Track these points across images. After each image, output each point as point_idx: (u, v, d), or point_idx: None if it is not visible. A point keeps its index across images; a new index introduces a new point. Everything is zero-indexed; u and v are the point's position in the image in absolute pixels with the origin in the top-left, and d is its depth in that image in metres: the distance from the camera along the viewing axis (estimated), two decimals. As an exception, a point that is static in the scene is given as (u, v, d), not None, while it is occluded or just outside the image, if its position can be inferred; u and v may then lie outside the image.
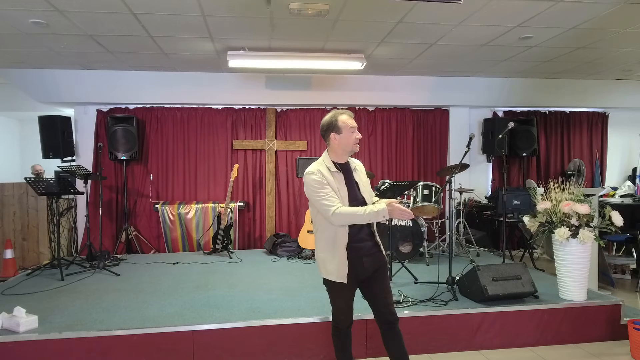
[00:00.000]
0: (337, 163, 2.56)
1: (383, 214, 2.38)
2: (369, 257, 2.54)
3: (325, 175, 2.47)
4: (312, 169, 2.50)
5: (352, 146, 2.54)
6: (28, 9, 3.88)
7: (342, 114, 2.55)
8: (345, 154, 2.57)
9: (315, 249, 2.61)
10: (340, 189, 2.49)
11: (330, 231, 2.48)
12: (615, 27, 4.47)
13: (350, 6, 3.91)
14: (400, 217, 2.43)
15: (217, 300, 3.84)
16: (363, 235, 2.54)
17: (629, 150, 7.64)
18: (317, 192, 2.44)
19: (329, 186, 2.45)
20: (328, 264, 2.50)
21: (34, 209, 6.09)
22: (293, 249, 5.79)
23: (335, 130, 2.53)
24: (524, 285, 3.72)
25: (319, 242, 2.56)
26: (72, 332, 3.14)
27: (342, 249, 2.47)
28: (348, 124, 2.52)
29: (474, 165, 6.96)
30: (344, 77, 6.43)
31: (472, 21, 4.28)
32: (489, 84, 6.73)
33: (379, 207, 2.39)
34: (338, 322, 2.62)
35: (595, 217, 3.79)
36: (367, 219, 2.41)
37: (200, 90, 6.27)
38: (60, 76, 5.98)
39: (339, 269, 2.47)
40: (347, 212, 2.41)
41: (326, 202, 2.41)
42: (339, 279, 2.48)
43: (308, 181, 2.48)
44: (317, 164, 2.54)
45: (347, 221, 2.43)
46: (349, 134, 2.51)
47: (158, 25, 4.35)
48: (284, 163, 6.69)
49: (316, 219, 2.56)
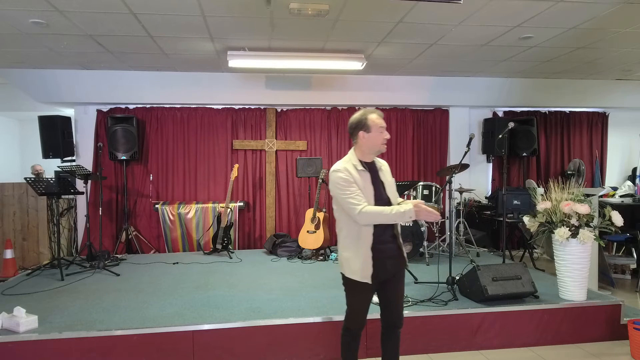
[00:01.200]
0: (364, 162, 2.53)
1: (409, 214, 2.35)
2: (391, 260, 2.52)
3: (352, 174, 2.44)
4: (339, 167, 2.47)
5: (379, 146, 2.52)
6: (28, 9, 3.88)
7: (372, 112, 2.51)
8: (372, 153, 2.55)
9: (339, 247, 2.58)
10: (366, 188, 2.46)
11: (355, 230, 2.45)
12: (615, 27, 4.47)
13: (350, 6, 3.91)
14: (427, 218, 2.41)
15: (217, 300, 3.84)
16: (387, 236, 2.51)
17: (629, 150, 7.65)
18: (343, 190, 2.41)
19: (355, 184, 2.42)
20: (352, 263, 2.47)
21: (34, 209, 6.09)
22: (293, 249, 5.79)
23: (365, 129, 2.48)
24: (524, 285, 3.72)
25: (344, 241, 2.53)
26: (72, 332, 3.14)
27: (367, 249, 2.44)
28: (377, 123, 2.49)
29: (474, 165, 6.96)
30: (344, 77, 6.43)
31: (472, 21, 4.28)
32: (489, 84, 6.73)
33: (406, 208, 2.36)
34: (351, 324, 2.57)
35: (595, 217, 3.79)
36: (393, 219, 2.39)
37: (200, 90, 6.27)
38: (61, 76, 5.98)
39: (363, 269, 2.44)
40: (373, 211, 2.38)
41: (352, 201, 2.38)
42: (363, 279, 2.45)
43: (334, 179, 2.45)
44: (344, 162, 2.51)
45: (372, 220, 2.41)
46: (377, 133, 2.49)
47: (158, 25, 4.36)
48: (284, 163, 6.69)
49: (340, 217, 2.53)
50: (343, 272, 2.54)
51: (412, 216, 2.36)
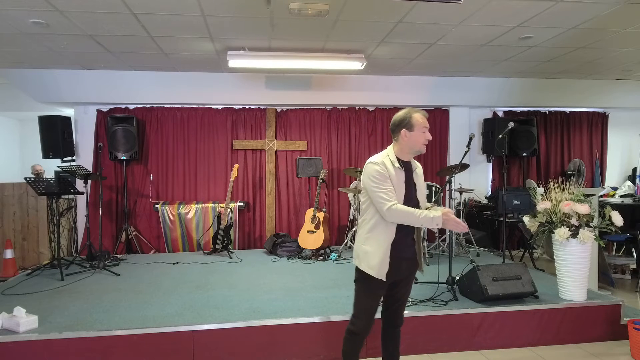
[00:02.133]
0: (401, 160, 2.51)
1: (437, 221, 2.33)
2: (408, 262, 2.52)
3: (389, 169, 2.43)
4: (377, 160, 2.46)
5: (420, 146, 2.49)
6: (28, 9, 3.88)
7: (417, 112, 2.49)
8: (411, 152, 2.53)
9: (358, 240, 2.54)
10: (399, 186, 2.45)
11: (381, 226, 2.43)
12: (615, 27, 4.47)
13: (350, 6, 3.91)
14: (454, 229, 2.38)
15: (217, 300, 3.84)
16: (408, 239, 2.51)
17: (629, 150, 7.64)
18: (377, 183, 2.39)
19: (389, 180, 2.41)
20: (371, 257, 2.43)
21: (34, 209, 6.08)
22: (293, 249, 5.79)
23: (408, 127, 2.46)
24: (524, 285, 3.72)
25: (366, 234, 2.49)
26: (72, 332, 3.14)
27: (388, 246, 2.43)
28: (421, 122, 2.46)
29: (474, 165, 6.96)
30: (344, 77, 6.43)
31: (472, 21, 4.28)
32: (489, 84, 6.73)
33: (435, 214, 2.34)
34: (361, 328, 2.50)
35: (595, 217, 3.79)
36: (420, 222, 2.37)
37: (200, 90, 6.27)
38: (60, 76, 5.98)
39: (381, 265, 2.41)
40: (403, 210, 2.36)
41: (384, 196, 2.37)
42: (379, 276, 2.42)
43: (369, 171, 2.43)
44: (382, 156, 2.49)
45: (400, 219, 2.39)
46: (420, 132, 2.46)
47: (158, 25, 4.36)
48: (284, 163, 6.70)
49: (367, 210, 2.50)
50: (358, 265, 2.50)
51: (439, 224, 2.34)
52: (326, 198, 6.73)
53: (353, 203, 6.22)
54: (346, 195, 6.74)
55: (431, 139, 2.54)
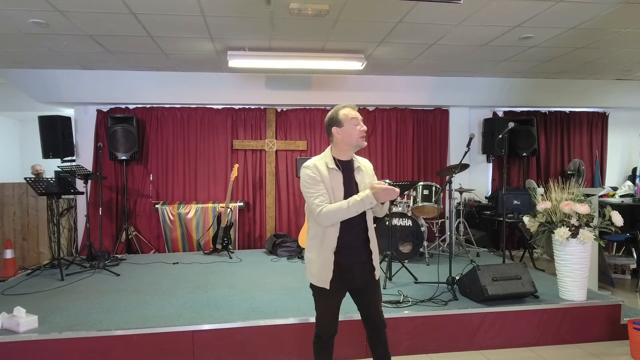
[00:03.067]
0: (339, 160, 2.38)
1: (369, 200, 2.20)
2: (360, 266, 2.37)
3: (321, 171, 2.31)
4: (309, 163, 2.36)
5: (356, 140, 2.34)
6: (28, 9, 3.88)
7: (344, 107, 2.37)
8: (349, 149, 2.39)
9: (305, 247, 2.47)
10: (336, 188, 2.31)
11: (320, 231, 2.32)
12: (615, 27, 4.47)
13: (350, 6, 3.91)
14: (387, 197, 2.23)
15: (217, 300, 3.84)
16: (358, 241, 2.37)
17: (629, 150, 7.64)
18: (308, 188, 2.29)
19: (322, 183, 2.29)
20: (312, 265, 2.35)
21: (34, 209, 6.08)
22: (293, 249, 5.79)
23: (336, 124, 2.34)
24: (524, 285, 3.72)
25: (309, 241, 2.40)
26: (72, 332, 3.14)
27: (329, 252, 2.30)
28: (349, 115, 2.33)
29: (474, 165, 6.96)
30: (344, 77, 6.43)
31: (472, 21, 4.28)
32: (489, 84, 6.73)
33: (363, 195, 2.22)
34: (320, 330, 2.40)
35: (595, 217, 3.79)
36: (353, 210, 2.23)
37: (200, 90, 6.27)
38: (60, 76, 5.98)
39: (321, 273, 2.31)
40: (332, 208, 2.23)
41: (316, 201, 2.26)
42: (320, 284, 2.32)
43: (303, 176, 2.35)
44: (316, 159, 2.39)
45: (334, 218, 2.26)
46: (351, 126, 2.32)
47: (158, 25, 4.36)
48: (284, 163, 6.69)
49: (309, 216, 2.40)
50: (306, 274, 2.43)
51: (372, 201, 2.20)
52: (326, 198, 6.72)
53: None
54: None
55: (365, 129, 2.38)
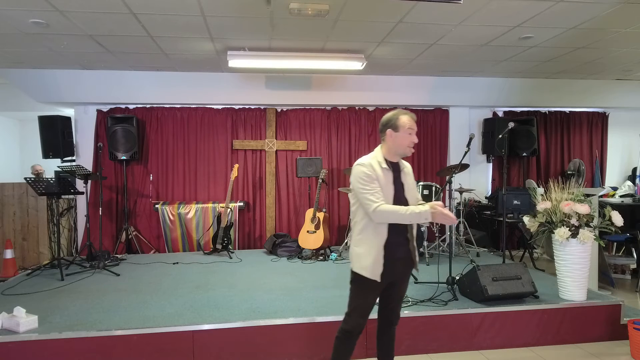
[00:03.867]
0: (388, 161, 2.53)
1: (425, 216, 2.34)
2: (402, 262, 2.53)
3: (376, 170, 2.44)
4: (364, 161, 2.48)
5: (405, 148, 2.50)
6: (28, 9, 3.88)
7: (405, 114, 2.51)
8: (397, 154, 2.53)
9: (352, 241, 2.58)
10: (387, 187, 2.46)
11: (371, 227, 2.45)
12: (615, 27, 4.47)
13: (350, 6, 3.91)
14: (443, 221, 2.38)
15: (217, 300, 3.84)
16: (401, 238, 2.51)
17: (629, 150, 7.64)
18: (364, 185, 2.42)
19: (377, 181, 2.43)
20: (363, 259, 2.46)
21: (34, 209, 6.09)
22: (293, 249, 5.79)
23: (393, 128, 2.48)
24: (524, 285, 3.72)
25: (357, 235, 2.53)
26: (72, 332, 3.14)
27: (380, 247, 2.44)
28: (407, 124, 2.47)
29: (474, 165, 6.96)
30: (344, 77, 6.43)
31: (472, 21, 4.28)
32: (489, 84, 6.73)
33: (422, 209, 2.35)
34: (354, 326, 2.50)
35: (595, 217, 3.79)
36: (408, 219, 2.38)
37: (200, 90, 6.27)
38: (60, 76, 5.98)
39: (374, 266, 2.43)
40: (389, 210, 2.38)
41: (371, 197, 2.39)
42: (373, 277, 2.43)
43: (357, 172, 2.46)
44: (369, 157, 2.51)
45: (387, 219, 2.40)
46: (405, 134, 2.47)
47: (158, 25, 4.36)
48: (284, 163, 6.70)
49: (357, 212, 2.54)
50: (352, 267, 2.52)
51: (428, 218, 2.34)
52: (326, 198, 6.73)
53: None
54: (346, 195, 6.74)
55: (417, 141, 2.54)
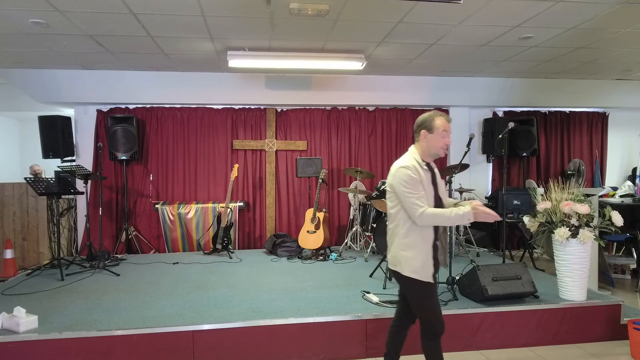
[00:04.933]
0: (424, 162, 2.55)
1: (468, 216, 2.38)
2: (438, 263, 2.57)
3: (420, 172, 2.45)
4: (408, 163, 2.46)
5: (438, 149, 2.51)
6: (28, 9, 3.88)
7: (440, 116, 2.53)
8: (430, 155, 2.54)
9: (396, 246, 2.52)
10: (428, 188, 2.48)
11: (417, 230, 2.45)
12: (615, 27, 4.47)
13: (350, 6, 3.91)
14: (485, 219, 2.42)
15: (217, 300, 3.84)
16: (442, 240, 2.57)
17: (629, 150, 7.64)
18: (409, 188, 2.40)
19: (421, 184, 2.44)
20: (413, 262, 2.45)
21: (34, 209, 6.09)
22: (293, 249, 5.79)
23: (428, 129, 2.50)
24: (524, 285, 3.72)
25: (402, 239, 2.48)
26: (72, 332, 3.14)
27: (429, 249, 2.46)
28: (441, 126, 2.49)
29: (474, 165, 6.96)
30: (344, 77, 6.43)
31: (472, 21, 4.28)
32: (489, 84, 6.73)
33: (465, 210, 2.38)
34: (438, 326, 2.51)
35: (595, 217, 3.79)
36: (452, 222, 2.40)
37: (200, 90, 6.27)
38: (60, 76, 5.98)
39: (425, 269, 2.45)
40: (434, 213, 2.39)
41: (417, 202, 2.38)
42: (426, 279, 2.45)
43: (402, 175, 2.43)
44: (410, 159, 2.49)
45: (432, 222, 2.42)
46: (439, 136, 2.49)
47: (158, 25, 4.36)
48: (284, 163, 6.70)
49: (398, 215, 2.50)
50: (401, 272, 2.48)
51: (471, 218, 2.38)
52: (326, 198, 6.73)
53: (353, 203, 6.22)
54: (346, 195, 6.74)
55: (450, 143, 2.55)
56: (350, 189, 6.06)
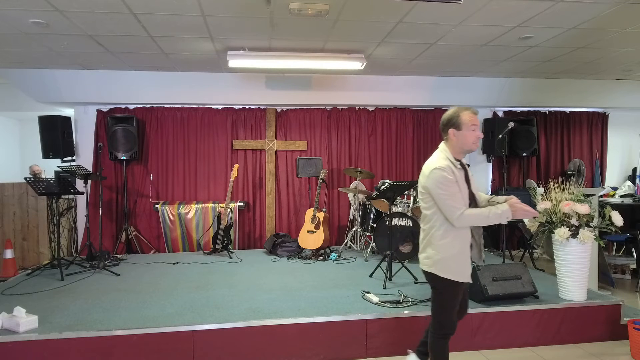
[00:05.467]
0: (457, 159, 2.49)
1: (506, 215, 2.35)
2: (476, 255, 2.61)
3: (455, 173, 2.41)
4: (442, 164, 2.39)
5: (470, 145, 2.45)
6: (28, 9, 3.88)
7: (465, 110, 2.45)
8: (462, 152, 2.49)
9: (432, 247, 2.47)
10: (463, 187, 2.44)
11: (453, 231, 2.42)
12: (615, 27, 4.47)
13: (350, 6, 3.91)
14: (524, 216, 2.43)
15: (217, 300, 3.84)
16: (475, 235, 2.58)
17: (629, 150, 7.64)
18: (446, 190, 2.35)
19: (457, 184, 2.38)
20: (452, 263, 2.42)
21: (34, 209, 6.09)
22: (293, 249, 5.79)
23: (455, 127, 2.43)
24: (524, 285, 3.73)
25: (439, 241, 2.43)
26: (72, 332, 3.14)
27: (467, 249, 2.45)
28: (469, 121, 2.42)
29: (474, 165, 6.96)
30: (344, 77, 6.43)
31: (472, 21, 4.28)
32: (489, 84, 6.73)
33: (502, 209, 2.36)
34: (451, 326, 2.51)
35: (595, 217, 3.80)
36: (491, 221, 2.37)
37: (200, 90, 6.27)
38: (60, 76, 5.97)
39: (464, 269, 2.44)
40: (473, 213, 2.36)
41: (454, 204, 2.35)
42: (464, 279, 2.44)
43: (437, 177, 2.37)
44: (443, 159, 2.43)
45: (471, 223, 2.40)
46: (469, 131, 2.42)
47: (158, 25, 4.35)
48: (284, 163, 6.70)
49: (434, 217, 2.45)
50: (437, 273, 2.43)
51: (509, 216, 2.35)
52: (326, 198, 6.73)
53: (353, 203, 6.22)
54: (346, 195, 6.74)
55: (482, 136, 2.51)
56: (350, 189, 6.06)
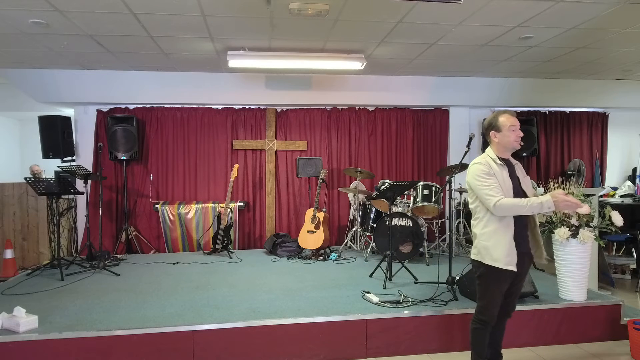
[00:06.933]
0: (501, 158, 2.67)
1: (548, 205, 2.42)
2: (525, 257, 2.65)
3: (492, 167, 2.59)
4: (480, 160, 2.64)
5: (512, 143, 2.65)
6: (28, 9, 3.88)
7: (503, 113, 2.67)
8: (506, 151, 2.69)
9: (477, 238, 2.67)
10: (506, 181, 2.59)
11: (495, 220, 2.56)
12: (615, 27, 4.47)
13: (350, 6, 3.91)
14: (567, 209, 2.51)
15: (217, 300, 3.84)
16: (524, 232, 2.65)
17: (629, 150, 7.64)
18: (482, 181, 2.55)
19: (495, 177, 2.56)
20: (494, 251, 2.55)
21: (34, 209, 6.09)
22: (293, 249, 5.79)
23: (495, 129, 2.66)
24: (524, 285, 3.71)
25: (482, 230, 2.63)
26: (72, 332, 3.14)
27: (511, 238, 2.54)
28: (507, 123, 2.63)
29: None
30: (344, 77, 6.43)
31: (472, 21, 4.28)
32: (489, 84, 6.73)
33: (543, 199, 2.43)
34: (490, 316, 2.65)
35: (595, 217, 3.80)
36: (529, 211, 2.47)
37: (200, 90, 6.27)
38: (60, 76, 5.98)
39: (509, 257, 2.53)
40: (510, 203, 2.48)
41: (490, 192, 2.51)
42: (508, 266, 2.53)
43: (474, 170, 2.60)
44: (484, 157, 2.66)
45: (508, 212, 2.50)
46: (508, 132, 2.63)
47: (158, 25, 4.36)
48: (284, 163, 6.70)
49: (477, 208, 2.67)
50: (482, 260, 2.61)
51: (551, 207, 2.43)
52: (326, 198, 6.73)
53: (353, 203, 6.22)
54: (346, 195, 6.74)
55: (522, 135, 2.68)
56: (350, 189, 6.06)
